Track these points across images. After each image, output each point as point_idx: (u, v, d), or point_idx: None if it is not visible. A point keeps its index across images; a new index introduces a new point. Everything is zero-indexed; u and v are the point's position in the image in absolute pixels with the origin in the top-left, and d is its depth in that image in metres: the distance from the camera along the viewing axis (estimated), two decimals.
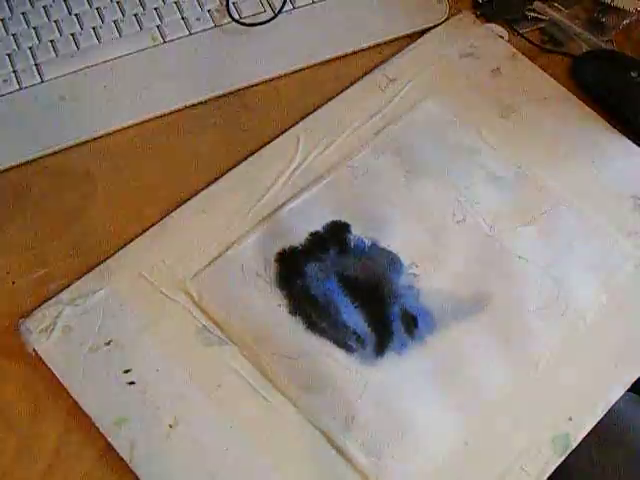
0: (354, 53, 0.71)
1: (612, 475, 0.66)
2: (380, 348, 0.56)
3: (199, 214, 0.62)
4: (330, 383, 0.55)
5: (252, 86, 0.69)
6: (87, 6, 0.70)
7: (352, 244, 0.61)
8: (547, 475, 0.53)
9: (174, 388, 0.54)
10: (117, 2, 0.70)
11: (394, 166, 0.65)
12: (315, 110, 0.67)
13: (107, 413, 0.53)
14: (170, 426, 0.53)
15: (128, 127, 0.66)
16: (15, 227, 0.61)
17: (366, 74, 0.70)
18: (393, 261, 0.60)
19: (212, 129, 0.67)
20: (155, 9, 0.70)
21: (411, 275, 0.60)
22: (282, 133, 0.66)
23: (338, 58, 0.71)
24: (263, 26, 0.71)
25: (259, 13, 0.72)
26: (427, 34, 0.73)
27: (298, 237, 0.61)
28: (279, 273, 0.59)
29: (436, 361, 0.56)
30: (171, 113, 0.67)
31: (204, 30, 0.71)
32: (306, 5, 0.73)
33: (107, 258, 0.59)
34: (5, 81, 0.66)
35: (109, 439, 0.52)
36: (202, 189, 0.63)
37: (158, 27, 0.70)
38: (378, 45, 0.72)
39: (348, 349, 0.56)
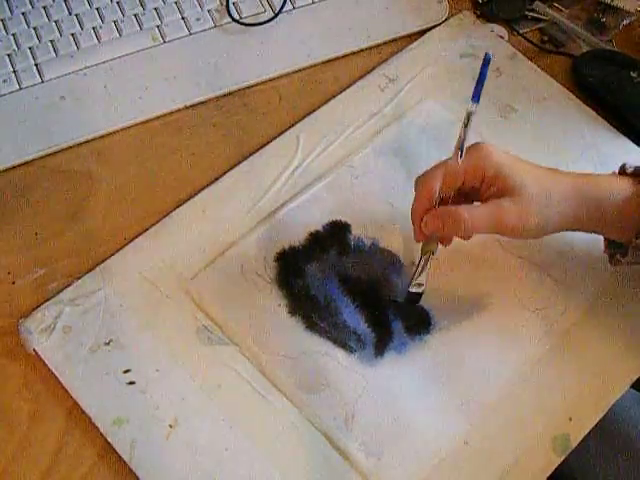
0: (354, 53, 0.71)
1: (612, 475, 0.66)
2: (380, 348, 0.56)
3: (199, 214, 0.62)
4: (330, 383, 0.55)
5: (252, 86, 0.69)
6: (87, 6, 0.70)
7: (352, 244, 0.61)
8: (547, 475, 0.53)
9: (174, 388, 0.54)
10: (117, 2, 0.70)
11: (394, 166, 0.65)
12: (315, 110, 0.68)
13: (107, 413, 0.53)
14: (170, 426, 0.53)
15: (128, 127, 0.66)
16: (15, 227, 0.61)
17: (366, 74, 0.70)
18: (393, 261, 0.60)
19: (212, 129, 0.67)
20: (155, 9, 0.70)
21: None
22: (282, 133, 0.66)
23: (338, 58, 0.71)
24: (263, 26, 0.71)
25: (259, 13, 0.72)
26: (427, 34, 0.73)
27: (298, 237, 0.61)
28: (279, 273, 0.59)
29: (436, 361, 0.56)
30: (171, 113, 0.67)
31: (204, 30, 0.71)
32: (306, 5, 0.73)
33: (107, 258, 0.59)
34: (5, 81, 0.66)
35: (109, 439, 0.52)
36: (202, 189, 0.63)
37: (158, 27, 0.70)
38: (378, 45, 0.72)
39: (348, 349, 0.56)
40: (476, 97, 0.53)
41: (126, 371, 0.55)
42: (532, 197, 0.52)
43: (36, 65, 0.67)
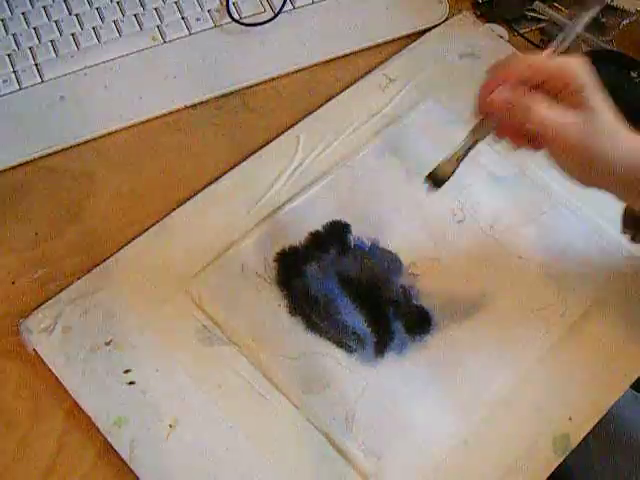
0: (354, 53, 0.71)
1: (612, 475, 0.66)
2: (380, 348, 0.56)
3: (199, 214, 0.62)
4: (330, 383, 0.55)
5: (252, 86, 0.69)
6: (87, 6, 0.70)
7: (352, 244, 0.61)
8: (547, 475, 0.53)
9: (174, 388, 0.54)
10: (117, 2, 0.70)
11: (394, 166, 0.65)
12: (315, 110, 0.68)
13: (107, 413, 0.53)
14: (170, 426, 0.53)
15: (128, 127, 0.66)
16: (15, 227, 0.61)
17: (366, 74, 0.70)
18: (393, 261, 0.60)
19: (212, 129, 0.67)
20: (155, 9, 0.70)
21: (411, 275, 0.60)
22: (282, 133, 0.66)
23: (338, 58, 0.71)
24: (263, 26, 0.71)
25: (259, 13, 0.72)
26: (427, 34, 0.73)
27: (298, 237, 0.61)
28: (279, 273, 0.59)
29: (436, 361, 0.56)
30: (171, 113, 0.67)
31: (204, 30, 0.71)
32: (306, 5, 0.73)
33: (107, 258, 0.59)
34: (5, 81, 0.66)
35: (109, 439, 0.52)
36: (202, 189, 0.63)
37: (158, 27, 0.70)
38: (378, 45, 0.72)
39: (348, 349, 0.56)
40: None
41: (126, 371, 0.55)
42: (603, 127, 0.49)
43: (36, 65, 0.67)
